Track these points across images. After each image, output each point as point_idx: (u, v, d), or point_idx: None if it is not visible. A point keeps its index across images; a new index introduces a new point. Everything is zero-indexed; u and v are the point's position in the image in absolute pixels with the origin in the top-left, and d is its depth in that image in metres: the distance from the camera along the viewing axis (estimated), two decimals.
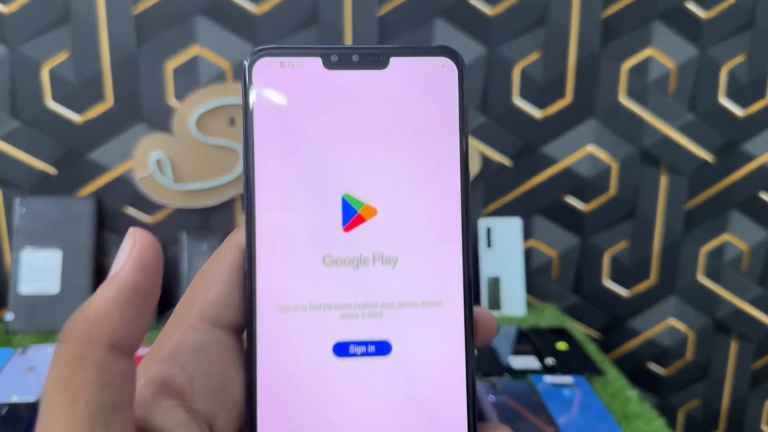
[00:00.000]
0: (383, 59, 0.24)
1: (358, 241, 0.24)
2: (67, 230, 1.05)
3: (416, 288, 0.24)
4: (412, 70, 0.24)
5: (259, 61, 0.23)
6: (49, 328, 1.02)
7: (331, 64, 0.24)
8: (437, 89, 0.24)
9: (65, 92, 1.03)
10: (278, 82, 0.23)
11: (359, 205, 0.24)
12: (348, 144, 0.24)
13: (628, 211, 1.17)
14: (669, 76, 1.12)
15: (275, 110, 0.23)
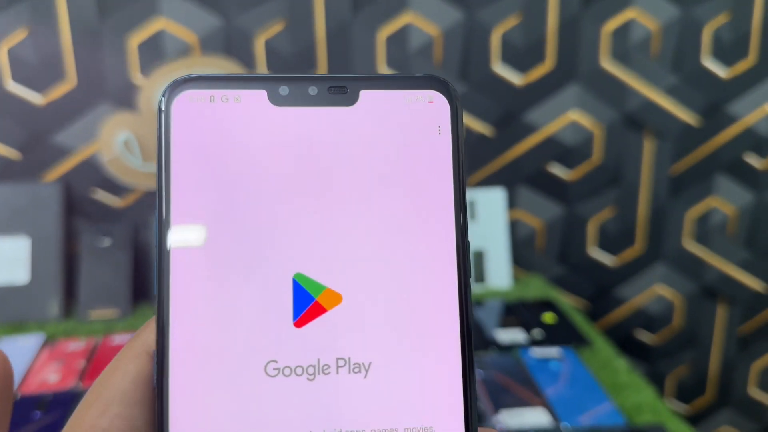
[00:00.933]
0: (351, 92, 0.18)
1: (316, 341, 0.18)
2: (35, 217, 1.01)
3: (397, 407, 0.18)
4: (389, 108, 0.19)
5: (180, 95, 0.18)
6: (19, 319, 0.99)
7: (280, 98, 0.18)
8: (423, 132, 0.19)
9: (25, 73, 0.99)
10: (206, 125, 0.18)
11: (317, 290, 0.18)
12: (302, 206, 0.18)
13: (613, 177, 1.15)
14: (651, 37, 1.09)
15: (201, 163, 0.18)
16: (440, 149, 0.19)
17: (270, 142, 0.18)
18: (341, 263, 0.18)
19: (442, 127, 0.19)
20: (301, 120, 0.18)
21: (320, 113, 0.18)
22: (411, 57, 1.06)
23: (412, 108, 0.19)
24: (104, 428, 0.17)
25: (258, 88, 0.18)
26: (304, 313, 0.18)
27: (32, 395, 0.80)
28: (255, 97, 0.18)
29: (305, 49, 1.03)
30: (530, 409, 0.78)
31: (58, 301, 1.00)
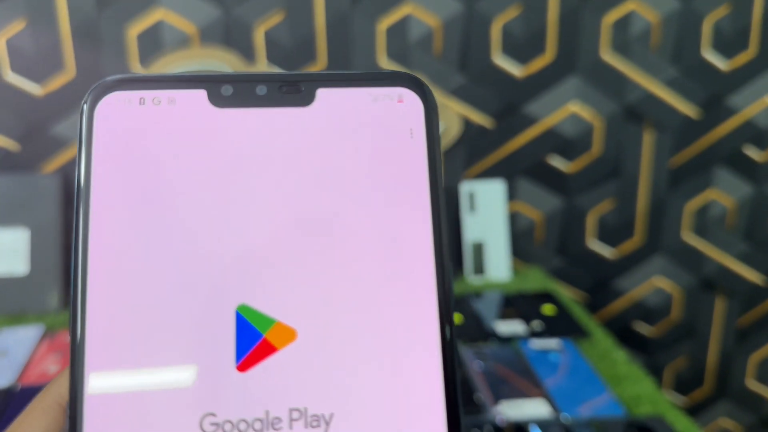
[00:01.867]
0: (306, 91, 0.16)
1: (264, 388, 0.14)
2: (34, 209, 1.01)
3: None
4: (350, 108, 0.16)
5: (104, 99, 0.15)
6: (19, 310, 0.99)
7: (223, 99, 0.15)
8: (392, 135, 0.16)
9: (24, 63, 0.98)
10: (135, 130, 0.15)
11: (266, 324, 0.14)
12: (247, 224, 0.14)
13: (612, 170, 1.15)
14: (651, 29, 1.09)
15: (125, 174, 0.15)
16: (412, 155, 0.16)
17: (210, 148, 0.15)
18: (294, 292, 0.14)
19: (414, 129, 0.16)
20: (247, 123, 0.15)
21: (270, 115, 0.15)
22: (411, 48, 1.05)
23: (378, 108, 0.16)
24: None
25: (196, 88, 0.16)
26: (249, 354, 0.14)
27: (32, 386, 0.80)
28: (192, 98, 0.16)
29: (305, 40, 1.03)
30: (530, 400, 0.78)
31: (58, 292, 1.00)
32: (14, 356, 0.87)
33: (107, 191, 0.15)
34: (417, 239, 0.15)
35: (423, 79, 0.16)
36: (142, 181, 0.15)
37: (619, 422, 0.73)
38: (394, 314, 0.15)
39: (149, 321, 0.14)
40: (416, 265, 0.15)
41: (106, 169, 0.15)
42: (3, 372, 0.84)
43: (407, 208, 0.15)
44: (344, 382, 0.14)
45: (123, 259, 0.14)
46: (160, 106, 0.15)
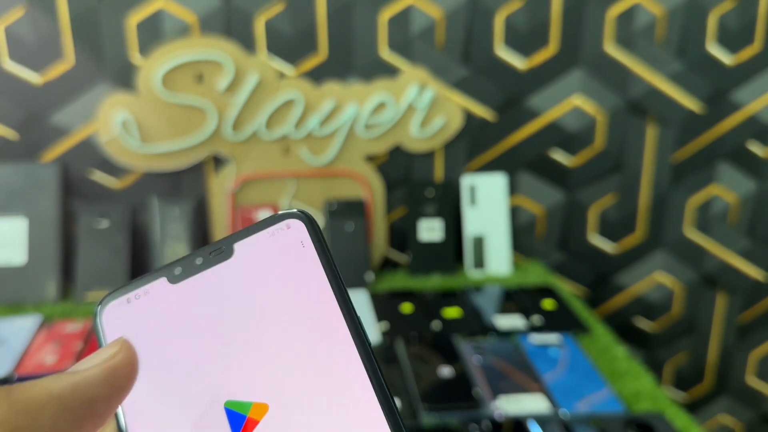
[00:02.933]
0: (226, 249, 0.23)
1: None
2: (32, 197, 1.00)
3: None
4: (258, 247, 0.23)
5: (105, 309, 0.22)
6: (16, 300, 0.99)
7: (176, 277, 0.22)
8: (290, 252, 0.22)
9: (22, 51, 0.98)
10: (128, 319, 0.22)
11: (246, 408, 0.20)
12: (216, 349, 0.21)
13: (615, 164, 1.14)
14: (656, 23, 1.08)
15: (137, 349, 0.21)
16: (309, 257, 0.22)
17: (177, 312, 0.22)
18: (259, 379, 0.21)
19: (303, 241, 0.22)
20: (197, 285, 0.22)
21: (208, 274, 0.22)
22: (413, 39, 1.04)
23: (276, 239, 0.23)
24: None
25: (158, 278, 0.22)
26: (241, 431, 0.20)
27: (29, 376, 0.80)
28: (158, 285, 0.22)
29: (306, 30, 1.02)
30: (529, 395, 0.77)
31: (55, 282, 1.00)
32: (11, 346, 0.87)
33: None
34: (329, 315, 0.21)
35: (301, 209, 0.23)
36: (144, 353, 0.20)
37: (618, 419, 0.73)
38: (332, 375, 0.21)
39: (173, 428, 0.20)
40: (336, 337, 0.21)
41: None
42: (1, 360, 0.84)
43: (319, 297, 0.22)
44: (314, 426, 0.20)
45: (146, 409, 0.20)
46: (140, 299, 0.22)
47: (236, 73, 1.00)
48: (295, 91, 1.03)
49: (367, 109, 1.05)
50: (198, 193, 1.06)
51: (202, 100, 1.01)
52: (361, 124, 1.05)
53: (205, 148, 1.03)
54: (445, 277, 1.09)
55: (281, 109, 1.03)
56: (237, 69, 1.00)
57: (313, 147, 1.06)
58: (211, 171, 1.06)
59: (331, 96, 1.04)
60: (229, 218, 1.05)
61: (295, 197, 1.07)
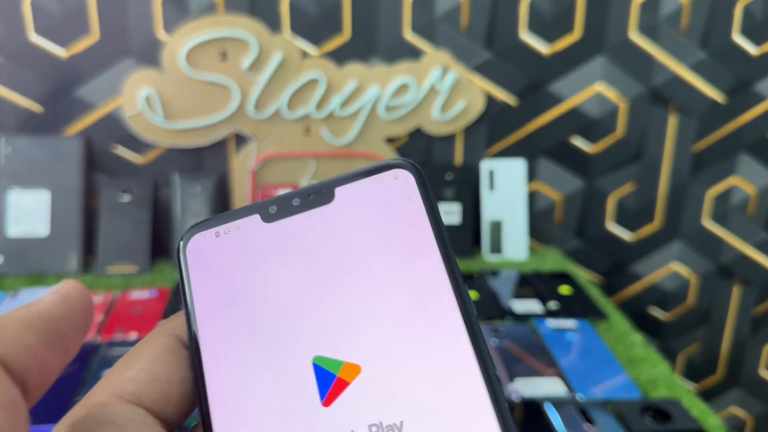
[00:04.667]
0: (327, 193, 0.21)
1: (346, 415, 0.19)
2: (55, 170, 1.01)
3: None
4: (362, 194, 0.21)
5: (191, 240, 0.21)
6: (39, 271, 1.00)
7: (271, 216, 0.21)
8: (395, 204, 0.21)
9: (48, 25, 0.98)
10: (216, 255, 0.21)
11: (337, 367, 0.19)
12: (308, 297, 0.20)
13: (635, 152, 1.14)
14: (681, 11, 1.07)
15: (218, 287, 0.21)
16: (415, 213, 0.21)
17: (270, 253, 0.21)
18: (353, 337, 0.19)
19: (411, 195, 0.21)
20: (294, 226, 0.21)
21: (306, 217, 0.21)
22: (437, 22, 1.04)
23: (381, 188, 0.21)
24: (131, 377, 0.19)
25: (251, 215, 0.21)
26: (329, 391, 0.19)
27: None
28: (251, 222, 0.21)
29: (330, 11, 1.02)
30: (545, 378, 0.78)
31: (77, 254, 1.01)
32: None
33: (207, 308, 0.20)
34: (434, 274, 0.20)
35: (411, 161, 0.22)
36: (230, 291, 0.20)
37: (635, 404, 0.73)
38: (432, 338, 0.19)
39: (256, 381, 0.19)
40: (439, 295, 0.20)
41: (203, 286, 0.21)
42: None
43: (421, 251, 0.20)
44: (405, 395, 0.19)
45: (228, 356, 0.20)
46: (230, 234, 0.21)
47: (260, 51, 1.01)
48: (318, 71, 1.03)
49: (388, 91, 1.05)
50: (219, 170, 1.07)
51: (225, 78, 1.01)
52: (383, 106, 1.06)
53: (227, 126, 1.03)
54: (462, 261, 1.09)
55: (303, 88, 1.03)
56: (261, 48, 1.01)
57: (334, 127, 1.06)
58: (233, 149, 1.06)
59: (354, 77, 1.04)
60: (249, 196, 1.06)
61: (314, 177, 1.08)
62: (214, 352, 0.20)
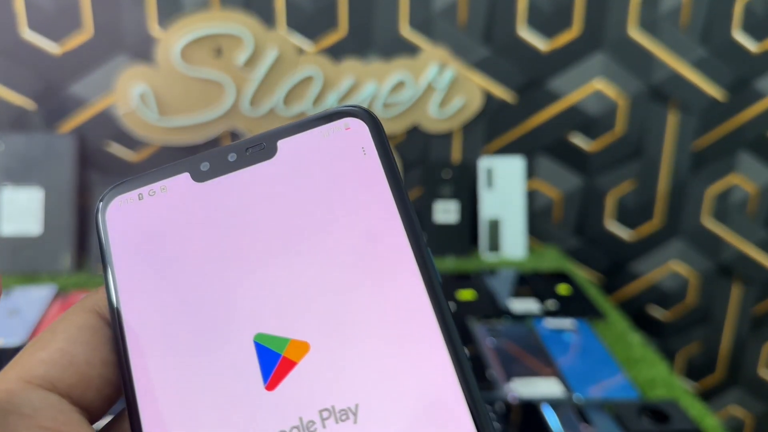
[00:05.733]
0: (267, 147, 0.19)
1: (294, 399, 0.16)
2: (49, 168, 1.00)
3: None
4: (307, 148, 0.19)
5: (111, 203, 0.19)
6: (32, 269, 0.99)
7: (203, 174, 0.19)
8: (347, 158, 0.18)
9: (41, 20, 0.97)
10: (140, 220, 0.19)
11: (282, 345, 0.17)
12: (247, 267, 0.18)
13: (635, 150, 1.13)
14: (681, 7, 1.06)
15: (143, 256, 0.18)
16: (369, 168, 0.18)
17: (203, 216, 0.18)
18: (299, 311, 0.17)
19: (365, 147, 0.18)
20: (228, 186, 0.19)
21: (243, 174, 0.19)
22: (434, 17, 1.03)
23: (331, 140, 0.19)
24: (43, 359, 0.17)
25: (180, 173, 0.19)
26: (273, 373, 0.17)
27: None
28: (179, 181, 0.19)
29: (326, 6, 1.01)
30: (542, 379, 0.77)
31: (71, 253, 1.00)
32: (26, 315, 0.87)
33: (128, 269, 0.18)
34: (393, 237, 0.18)
35: (364, 107, 0.19)
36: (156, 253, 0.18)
37: (632, 405, 0.73)
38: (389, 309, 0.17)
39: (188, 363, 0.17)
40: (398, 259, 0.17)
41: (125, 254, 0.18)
42: (15, 330, 0.84)
43: (378, 213, 0.18)
44: (360, 375, 0.16)
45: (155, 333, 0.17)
46: (155, 196, 0.19)
47: (255, 47, 1.00)
48: (314, 67, 1.02)
49: (385, 88, 1.04)
50: None
51: (220, 74, 1.00)
52: (380, 103, 1.05)
53: (222, 123, 1.02)
54: (460, 260, 1.08)
55: (299, 85, 1.03)
56: (256, 43, 1.00)
57: None
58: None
59: (350, 73, 1.03)
60: None
61: None
62: (140, 331, 0.17)
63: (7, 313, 0.87)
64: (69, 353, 0.17)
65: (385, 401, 0.16)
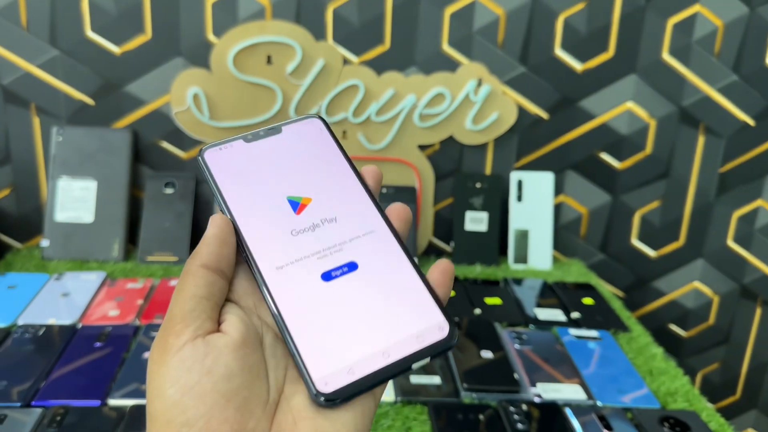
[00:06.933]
0: (276, 129, 0.37)
1: (309, 217, 0.34)
2: (103, 161, 1.06)
3: (355, 228, 0.34)
4: (295, 129, 0.37)
5: (206, 151, 0.35)
6: (82, 256, 1.04)
7: (248, 140, 0.36)
8: (314, 134, 0.37)
9: (104, 22, 1.03)
10: (222, 159, 0.35)
11: (299, 199, 0.34)
12: (278, 174, 0.35)
13: (663, 171, 1.16)
14: (715, 34, 1.09)
15: (229, 173, 0.35)
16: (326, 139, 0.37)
17: (252, 157, 0.35)
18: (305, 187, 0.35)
19: (322, 130, 0.37)
20: (261, 146, 0.36)
21: (268, 140, 0.36)
22: (474, 35, 1.07)
23: (306, 126, 0.37)
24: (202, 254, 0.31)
25: (237, 140, 0.36)
26: (298, 209, 0.34)
27: (93, 326, 0.85)
28: (238, 143, 0.36)
29: (372, 21, 1.06)
30: (566, 385, 0.80)
31: (120, 243, 1.05)
32: (76, 299, 0.92)
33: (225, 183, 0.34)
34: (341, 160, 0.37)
35: (319, 115, 0.38)
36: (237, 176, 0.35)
37: (653, 414, 0.75)
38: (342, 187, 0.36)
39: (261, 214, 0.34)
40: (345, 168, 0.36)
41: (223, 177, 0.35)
42: (66, 311, 0.89)
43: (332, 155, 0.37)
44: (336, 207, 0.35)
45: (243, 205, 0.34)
46: (226, 149, 0.35)
47: (303, 57, 1.05)
48: (357, 78, 1.07)
49: (424, 100, 1.08)
50: None
51: (269, 81, 1.05)
52: (417, 114, 1.09)
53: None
54: (487, 268, 1.12)
55: (342, 94, 1.07)
56: (304, 53, 1.05)
57: (370, 132, 1.10)
58: None
59: (391, 85, 1.08)
60: None
61: None
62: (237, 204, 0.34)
63: (59, 296, 0.92)
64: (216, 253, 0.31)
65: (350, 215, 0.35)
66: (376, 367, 0.30)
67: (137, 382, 0.75)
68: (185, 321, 0.29)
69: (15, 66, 1.03)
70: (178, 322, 0.29)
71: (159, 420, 0.27)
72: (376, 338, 0.31)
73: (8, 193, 1.09)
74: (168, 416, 0.27)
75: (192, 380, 0.27)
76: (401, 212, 0.35)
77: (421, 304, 0.32)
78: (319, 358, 0.30)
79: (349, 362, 0.30)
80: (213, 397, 0.27)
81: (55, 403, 0.71)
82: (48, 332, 0.84)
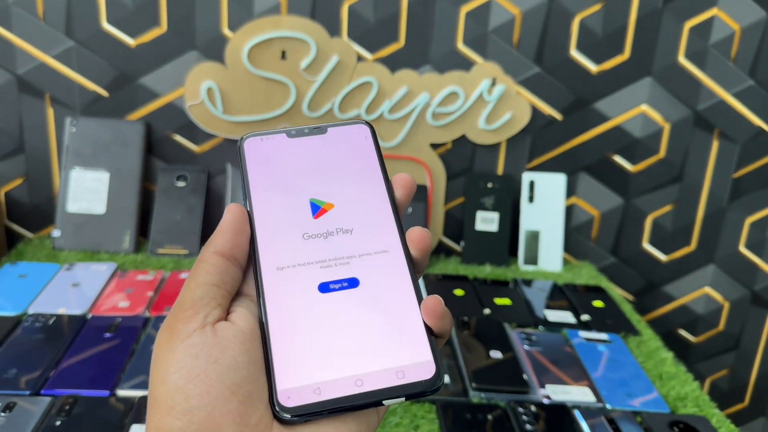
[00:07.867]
0: (322, 129, 0.36)
1: (326, 223, 0.33)
2: (116, 153, 1.06)
3: (369, 244, 0.33)
4: (341, 132, 0.36)
5: (246, 140, 0.35)
6: (94, 247, 1.05)
7: (291, 135, 0.36)
8: (358, 140, 0.36)
9: (120, 14, 1.03)
10: (259, 149, 0.35)
11: (322, 204, 0.34)
12: (310, 174, 0.35)
13: (676, 175, 1.15)
14: (732, 38, 1.08)
15: (262, 165, 0.35)
16: (368, 146, 0.36)
17: (292, 153, 0.35)
18: (332, 193, 0.34)
19: (367, 137, 0.36)
20: (303, 143, 0.36)
21: (311, 138, 0.36)
22: (489, 34, 1.07)
23: (352, 131, 0.37)
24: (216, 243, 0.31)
25: (281, 133, 0.36)
26: (317, 213, 0.33)
27: (103, 317, 0.86)
28: (280, 136, 0.36)
29: (387, 18, 1.06)
30: (575, 387, 0.80)
31: (131, 234, 1.05)
32: (86, 289, 0.92)
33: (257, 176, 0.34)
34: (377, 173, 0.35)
35: (367, 121, 0.38)
36: (268, 166, 0.35)
37: (663, 418, 0.75)
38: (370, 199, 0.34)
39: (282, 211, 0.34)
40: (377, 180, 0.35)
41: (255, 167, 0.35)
42: (76, 301, 0.89)
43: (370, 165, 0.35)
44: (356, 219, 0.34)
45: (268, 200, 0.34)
46: (268, 140, 0.35)
47: (318, 53, 1.05)
48: (371, 75, 1.06)
49: (437, 99, 1.08)
50: None
51: (283, 77, 1.05)
52: (430, 112, 1.09)
53: (281, 122, 1.07)
54: (497, 269, 1.11)
55: (356, 91, 1.07)
56: (319, 49, 1.04)
57: (382, 130, 1.09)
58: None
59: (405, 83, 1.07)
60: None
61: None
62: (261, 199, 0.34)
63: (69, 286, 0.93)
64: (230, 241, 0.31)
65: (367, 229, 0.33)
66: (345, 393, 0.28)
67: (146, 373, 0.75)
68: (195, 308, 0.29)
69: (30, 56, 1.04)
70: (188, 309, 0.29)
71: (161, 406, 0.27)
72: (353, 363, 0.29)
73: (21, 182, 1.10)
74: (170, 402, 0.27)
75: (198, 368, 0.27)
76: (422, 239, 0.33)
77: (413, 338, 0.30)
78: (289, 369, 0.29)
79: (318, 381, 0.28)
80: (218, 387, 0.27)
81: (64, 392, 0.71)
82: (58, 322, 0.84)
